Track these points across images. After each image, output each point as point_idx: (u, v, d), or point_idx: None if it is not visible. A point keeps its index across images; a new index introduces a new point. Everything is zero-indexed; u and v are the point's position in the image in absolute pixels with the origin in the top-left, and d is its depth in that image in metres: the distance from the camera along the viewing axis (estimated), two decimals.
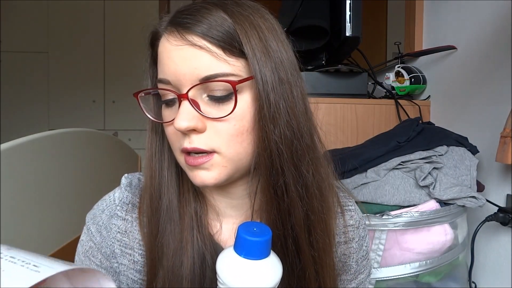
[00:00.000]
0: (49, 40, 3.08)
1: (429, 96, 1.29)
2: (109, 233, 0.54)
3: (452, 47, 1.17)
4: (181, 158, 0.49)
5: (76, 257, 0.56)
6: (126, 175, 0.59)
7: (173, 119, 0.46)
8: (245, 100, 0.46)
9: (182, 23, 0.46)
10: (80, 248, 0.56)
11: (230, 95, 0.45)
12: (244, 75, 0.46)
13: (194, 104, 0.45)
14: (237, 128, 0.46)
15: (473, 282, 1.00)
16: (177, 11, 0.48)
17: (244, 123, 0.46)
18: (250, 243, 0.41)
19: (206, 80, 0.45)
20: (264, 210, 0.50)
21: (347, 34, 1.04)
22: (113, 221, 0.54)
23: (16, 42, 3.04)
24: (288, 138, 0.47)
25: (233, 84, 0.44)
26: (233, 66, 0.45)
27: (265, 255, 0.42)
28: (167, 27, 0.48)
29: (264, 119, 0.45)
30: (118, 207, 0.55)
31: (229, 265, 0.42)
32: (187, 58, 0.45)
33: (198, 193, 0.54)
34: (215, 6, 0.46)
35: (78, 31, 3.09)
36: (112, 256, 0.54)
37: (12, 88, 3.03)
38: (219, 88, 0.45)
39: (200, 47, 0.44)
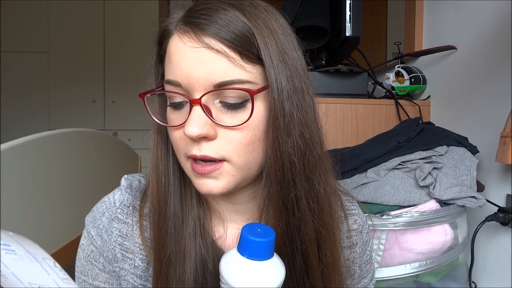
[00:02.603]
0: (49, 40, 3.08)
1: (429, 96, 1.29)
2: (110, 237, 0.53)
3: (452, 47, 1.17)
4: (187, 164, 0.47)
5: (78, 262, 0.55)
6: (125, 176, 0.57)
7: (182, 124, 0.44)
8: (259, 108, 0.44)
9: (198, 23, 0.43)
10: (81, 253, 0.54)
11: (244, 103, 0.43)
12: (259, 82, 0.44)
13: (207, 110, 0.43)
14: (250, 137, 0.44)
15: (473, 282, 1.00)
16: (190, 9, 0.46)
17: (256, 132, 0.44)
18: (253, 243, 0.41)
19: (222, 87, 0.42)
20: (271, 223, 0.48)
21: (347, 34, 1.04)
22: (114, 225, 0.53)
23: (16, 42, 3.04)
24: (301, 149, 0.45)
25: (252, 93, 0.42)
26: (250, 73, 0.43)
27: (268, 256, 0.42)
28: (180, 25, 0.45)
29: (278, 129, 0.43)
30: (119, 210, 0.54)
31: (232, 265, 0.42)
32: (202, 62, 0.42)
33: (201, 198, 0.53)
34: (233, 7, 0.44)
35: (78, 31, 3.09)
36: (114, 260, 0.53)
37: (12, 88, 3.04)
38: (233, 95, 0.43)
39: (217, 50, 0.42)
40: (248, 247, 0.41)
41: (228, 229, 0.54)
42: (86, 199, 1.18)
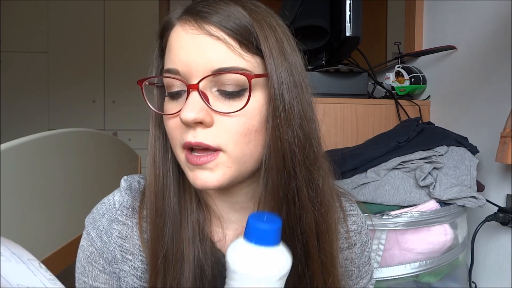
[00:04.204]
0: (49, 40, 3.08)
1: (429, 96, 1.29)
2: (110, 238, 0.53)
3: (452, 47, 1.17)
4: (181, 156, 0.46)
5: (78, 263, 0.55)
6: (125, 177, 0.57)
7: (178, 112, 0.45)
8: (257, 98, 0.45)
9: (199, 12, 0.45)
10: (81, 254, 0.54)
11: (242, 91, 0.44)
12: (258, 72, 0.45)
13: (204, 96, 0.44)
14: (246, 126, 0.44)
15: (473, 282, 1.00)
16: (193, 3, 0.47)
17: (253, 122, 0.45)
18: (261, 230, 0.40)
19: (220, 72, 0.43)
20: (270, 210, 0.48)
21: (347, 34, 1.04)
22: (114, 226, 0.53)
23: (16, 42, 3.04)
24: (301, 141, 0.46)
25: (249, 77, 0.43)
26: (248, 62, 0.44)
27: (276, 242, 0.41)
28: (182, 16, 0.46)
29: (279, 118, 0.44)
30: (119, 212, 0.54)
31: (240, 252, 0.41)
32: (201, 48, 0.43)
33: (201, 201, 0.53)
34: (233, 1, 0.46)
35: (78, 31, 3.09)
36: (114, 262, 0.53)
37: (12, 88, 3.03)
38: (231, 83, 0.44)
39: (217, 37, 0.43)
40: (256, 234, 0.41)
41: (228, 230, 0.54)
42: (85, 199, 1.18)
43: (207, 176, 0.45)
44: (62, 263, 1.05)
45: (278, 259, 0.41)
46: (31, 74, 3.07)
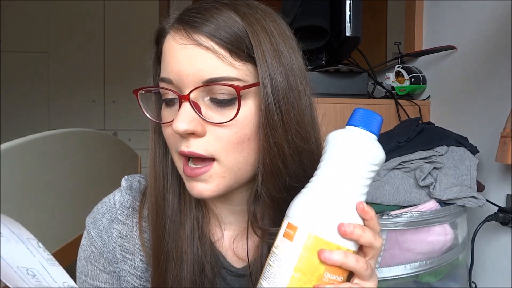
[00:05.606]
0: (49, 40, 3.08)
1: (429, 96, 1.29)
2: (110, 238, 0.53)
3: (452, 47, 1.17)
4: (179, 164, 0.47)
5: (78, 262, 0.55)
6: (126, 177, 0.57)
7: (172, 120, 0.45)
8: (249, 107, 0.45)
9: (189, 22, 0.44)
10: (81, 254, 0.55)
11: (234, 100, 0.44)
12: (250, 80, 0.44)
13: (195, 106, 0.44)
14: (239, 135, 0.44)
15: (473, 282, 1.00)
16: (185, 9, 0.47)
17: (246, 131, 0.44)
18: (369, 115, 0.41)
19: (210, 83, 0.43)
20: (268, 217, 0.49)
21: (347, 34, 1.04)
22: (114, 226, 0.53)
23: (16, 42, 3.04)
24: (297, 146, 0.46)
25: (238, 89, 0.42)
26: (239, 70, 0.44)
27: (376, 133, 0.42)
28: (174, 24, 0.46)
29: (273, 125, 0.44)
30: (119, 211, 0.54)
31: (344, 131, 0.42)
32: (192, 58, 0.43)
33: (200, 200, 0.53)
34: (226, 6, 0.45)
35: (78, 31, 3.09)
36: (114, 261, 0.53)
37: (12, 88, 3.03)
38: (222, 91, 0.43)
39: (206, 47, 0.43)
40: (364, 119, 0.42)
41: (226, 230, 0.54)
42: (86, 199, 1.19)
43: (202, 187, 0.46)
44: (62, 263, 1.04)
45: (376, 145, 0.41)
46: (31, 74, 3.07)
